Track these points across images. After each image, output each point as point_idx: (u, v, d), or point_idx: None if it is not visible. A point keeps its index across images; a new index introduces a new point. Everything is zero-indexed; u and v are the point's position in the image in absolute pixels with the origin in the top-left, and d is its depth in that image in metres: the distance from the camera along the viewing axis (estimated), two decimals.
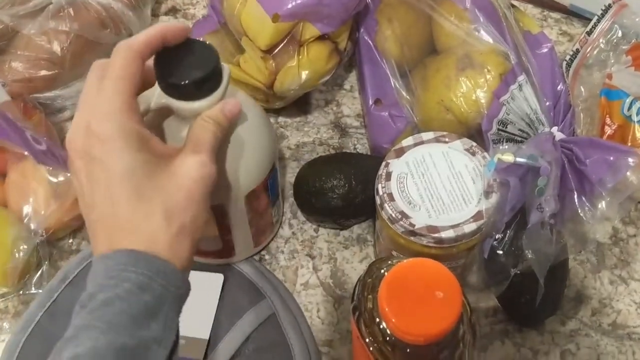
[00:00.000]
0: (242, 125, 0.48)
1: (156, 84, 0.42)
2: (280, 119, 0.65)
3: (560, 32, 0.70)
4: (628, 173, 0.45)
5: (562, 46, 0.69)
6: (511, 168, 0.43)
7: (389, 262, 0.41)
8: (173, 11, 0.74)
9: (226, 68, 0.43)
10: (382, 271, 0.39)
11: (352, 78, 0.67)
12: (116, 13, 0.65)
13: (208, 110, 0.41)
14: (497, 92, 0.50)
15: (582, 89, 0.60)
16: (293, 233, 0.58)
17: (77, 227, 0.58)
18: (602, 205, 0.45)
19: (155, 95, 0.42)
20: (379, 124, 0.58)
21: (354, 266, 0.57)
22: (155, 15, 0.73)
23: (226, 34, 0.60)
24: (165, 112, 0.44)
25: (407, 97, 0.56)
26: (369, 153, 0.62)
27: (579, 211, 0.45)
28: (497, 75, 0.50)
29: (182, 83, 0.40)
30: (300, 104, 0.66)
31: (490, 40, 0.52)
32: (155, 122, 0.46)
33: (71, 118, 0.66)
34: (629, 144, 0.57)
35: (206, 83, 0.41)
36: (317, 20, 0.54)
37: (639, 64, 0.62)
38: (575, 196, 0.46)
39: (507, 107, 0.50)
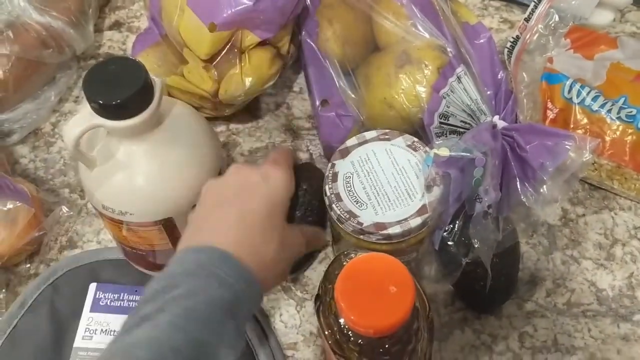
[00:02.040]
0: (184, 136, 0.48)
1: (87, 105, 0.42)
2: (232, 126, 0.65)
3: (501, 20, 0.71)
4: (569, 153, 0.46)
5: (504, 33, 0.70)
6: (450, 160, 0.44)
7: (352, 254, 0.42)
8: (117, 25, 0.73)
9: (158, 82, 0.43)
10: (345, 263, 0.40)
11: (301, 80, 0.68)
12: (57, 32, 0.64)
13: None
14: (436, 86, 0.50)
15: (525, 75, 0.61)
16: None
17: (32, 251, 0.58)
18: (544, 189, 0.46)
19: (87, 116, 0.42)
20: (328, 125, 0.58)
21: (314, 267, 0.57)
22: (99, 30, 0.72)
23: (168, 45, 0.60)
24: (99, 132, 0.44)
25: (353, 96, 0.57)
26: (321, 153, 0.62)
27: (522, 197, 0.46)
28: (435, 70, 0.51)
29: (113, 103, 0.40)
30: (250, 109, 0.66)
31: (427, 35, 0.52)
32: (90, 143, 0.45)
33: (20, 141, 0.65)
34: (571, 126, 0.59)
35: (136, 101, 0.41)
36: (255, 27, 0.54)
37: (578, 46, 0.63)
38: (518, 183, 0.47)
39: (447, 100, 0.50)
